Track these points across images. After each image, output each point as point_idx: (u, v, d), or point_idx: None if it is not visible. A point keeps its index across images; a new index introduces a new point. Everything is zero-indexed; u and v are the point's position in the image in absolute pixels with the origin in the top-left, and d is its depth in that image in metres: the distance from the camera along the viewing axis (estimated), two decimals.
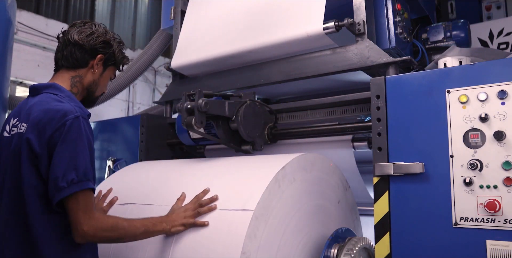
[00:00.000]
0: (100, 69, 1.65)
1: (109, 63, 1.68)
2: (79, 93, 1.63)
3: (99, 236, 1.37)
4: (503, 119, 1.41)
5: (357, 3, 1.98)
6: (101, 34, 1.64)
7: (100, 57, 1.63)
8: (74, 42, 1.60)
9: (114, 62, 1.70)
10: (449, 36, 2.41)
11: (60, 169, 1.32)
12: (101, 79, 1.67)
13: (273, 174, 1.56)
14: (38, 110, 1.42)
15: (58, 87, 1.56)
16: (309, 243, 1.68)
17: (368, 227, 2.10)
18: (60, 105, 1.42)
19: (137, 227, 1.46)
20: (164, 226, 1.51)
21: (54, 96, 1.49)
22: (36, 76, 6.72)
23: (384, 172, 1.59)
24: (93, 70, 1.63)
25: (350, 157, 2.04)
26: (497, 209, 1.37)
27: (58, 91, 1.53)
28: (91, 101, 1.71)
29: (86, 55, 1.61)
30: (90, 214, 1.35)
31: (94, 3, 9.27)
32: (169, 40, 3.31)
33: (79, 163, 1.34)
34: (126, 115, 9.50)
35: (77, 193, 1.33)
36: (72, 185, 1.32)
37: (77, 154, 1.35)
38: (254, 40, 2.18)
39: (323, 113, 2.10)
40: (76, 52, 1.60)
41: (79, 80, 1.61)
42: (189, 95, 1.79)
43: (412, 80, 1.61)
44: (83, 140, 1.38)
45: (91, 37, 1.61)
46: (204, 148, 2.52)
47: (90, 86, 1.64)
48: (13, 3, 2.61)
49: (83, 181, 1.34)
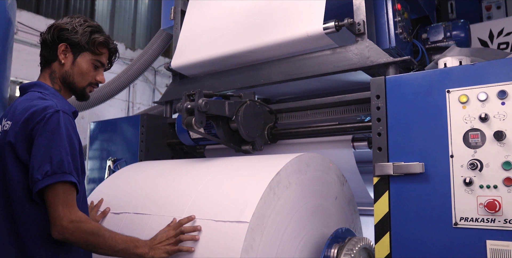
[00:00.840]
0: (70, 58, 1.58)
1: (77, 49, 1.58)
2: (62, 89, 1.61)
3: (77, 235, 1.33)
4: (503, 119, 1.41)
5: (357, 3, 1.98)
6: (61, 23, 1.59)
7: (62, 46, 1.57)
8: (41, 41, 1.61)
9: (82, 46, 1.58)
10: (449, 36, 2.41)
11: (36, 160, 1.32)
12: (75, 68, 1.59)
13: (267, 183, 1.53)
14: (21, 107, 1.44)
15: (42, 84, 1.56)
16: (308, 243, 1.68)
17: (368, 227, 2.10)
18: (42, 102, 1.42)
19: (117, 241, 1.40)
20: (145, 251, 1.45)
21: (38, 94, 1.50)
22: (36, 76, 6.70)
23: (384, 172, 1.59)
24: (60, 62, 1.58)
25: (350, 157, 2.04)
26: (497, 209, 1.37)
27: (42, 89, 1.54)
28: (79, 93, 1.64)
29: (51, 49, 1.58)
30: (71, 209, 1.32)
31: (94, 3, 9.27)
32: (169, 40, 3.31)
33: (54, 155, 1.32)
34: (126, 115, 9.50)
35: (55, 186, 1.31)
36: (46, 177, 1.30)
37: (53, 146, 1.33)
38: (254, 40, 2.18)
39: (323, 113, 2.10)
40: (42, 49, 1.61)
41: (54, 75, 1.60)
42: (189, 95, 1.79)
43: (412, 80, 1.61)
44: (60, 133, 1.36)
45: (49, 31, 1.59)
46: (204, 148, 2.51)
47: (64, 78, 1.59)
48: (13, 3, 2.61)
49: (57, 174, 1.31)
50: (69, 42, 1.57)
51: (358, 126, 1.93)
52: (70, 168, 1.35)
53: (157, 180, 1.92)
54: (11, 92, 5.87)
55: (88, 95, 1.67)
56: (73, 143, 1.40)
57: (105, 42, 1.63)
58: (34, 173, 1.31)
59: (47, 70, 1.61)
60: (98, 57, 1.63)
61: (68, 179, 1.33)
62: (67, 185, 1.34)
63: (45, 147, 1.33)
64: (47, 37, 1.58)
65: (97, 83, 1.66)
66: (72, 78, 1.60)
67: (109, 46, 1.66)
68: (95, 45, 1.61)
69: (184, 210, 1.62)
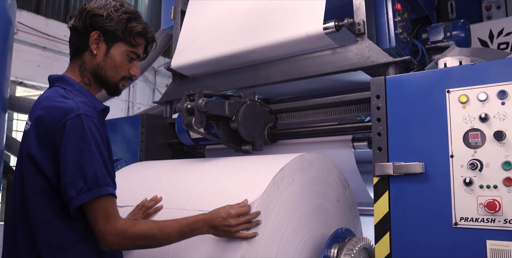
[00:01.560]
0: (103, 48, 1.41)
1: (111, 38, 1.41)
2: (92, 82, 1.45)
3: (125, 245, 1.26)
4: (503, 119, 1.41)
5: (357, 3, 1.98)
6: (94, 8, 1.40)
7: (94, 35, 1.39)
8: (70, 26, 1.42)
9: (117, 36, 1.40)
10: (449, 36, 2.41)
11: (68, 176, 1.21)
12: (108, 61, 1.42)
13: (272, 177, 1.55)
14: (41, 107, 1.31)
15: (67, 79, 1.40)
16: (309, 243, 1.68)
17: (368, 227, 2.10)
18: (62, 102, 1.28)
19: (170, 234, 1.31)
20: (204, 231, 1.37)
21: (61, 91, 1.35)
22: (36, 76, 6.72)
23: (384, 172, 1.59)
24: (92, 52, 1.40)
25: (350, 157, 2.04)
26: (497, 209, 1.37)
27: (67, 85, 1.38)
28: (111, 88, 1.48)
29: (82, 37, 1.40)
30: (111, 222, 1.23)
31: None
32: (169, 40, 3.31)
33: (87, 169, 1.21)
34: (126, 115, 9.50)
35: (92, 202, 1.21)
36: (82, 194, 1.20)
37: (83, 158, 1.21)
38: (254, 40, 2.18)
39: (323, 113, 2.10)
40: (72, 37, 1.42)
41: (85, 67, 1.42)
42: (189, 95, 1.79)
43: (412, 80, 1.61)
44: (88, 143, 1.23)
45: (82, 15, 1.39)
46: (204, 148, 2.52)
47: (95, 71, 1.42)
48: (13, 3, 2.61)
49: (94, 189, 1.21)
50: (102, 30, 1.39)
51: (358, 126, 1.93)
52: (105, 179, 1.24)
53: (159, 177, 1.93)
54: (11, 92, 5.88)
55: (120, 89, 1.51)
56: (102, 149, 1.28)
57: (143, 31, 1.45)
58: (67, 190, 1.20)
59: (77, 61, 1.44)
60: (134, 49, 1.46)
61: (105, 193, 1.23)
62: (104, 198, 1.23)
63: (74, 160, 1.21)
64: (77, 23, 1.39)
65: (131, 77, 1.49)
66: (105, 72, 1.43)
67: (147, 36, 1.48)
68: (132, 35, 1.43)
69: (188, 203, 1.63)
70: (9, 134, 4.28)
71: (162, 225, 1.32)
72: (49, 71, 6.64)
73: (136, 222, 1.30)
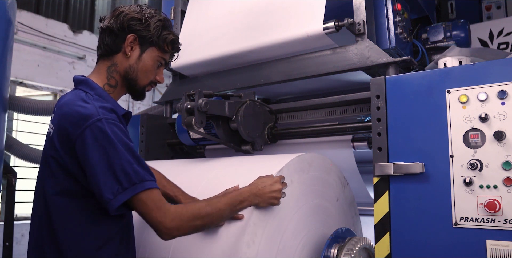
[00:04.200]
0: (136, 51, 1.44)
1: (146, 43, 1.45)
2: (118, 85, 1.46)
3: (185, 228, 1.28)
4: (503, 119, 1.41)
5: (357, 3, 1.98)
6: (131, 11, 1.43)
7: (131, 37, 1.42)
8: (104, 27, 1.44)
9: (152, 41, 1.45)
10: (449, 36, 2.41)
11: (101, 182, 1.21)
12: (140, 64, 1.45)
13: None
14: (62, 112, 1.32)
15: (90, 83, 1.41)
16: (308, 243, 1.68)
17: (368, 227, 2.10)
18: (82, 108, 1.29)
19: (221, 209, 1.36)
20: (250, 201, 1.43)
21: (83, 94, 1.36)
22: (36, 76, 6.71)
23: (384, 172, 1.59)
24: (126, 54, 1.43)
25: (350, 157, 2.04)
26: (497, 209, 1.37)
27: (89, 89, 1.39)
28: (137, 91, 1.50)
29: (116, 38, 1.42)
30: (165, 209, 1.26)
31: (94, 3, 9.27)
32: None
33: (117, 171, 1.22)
34: None
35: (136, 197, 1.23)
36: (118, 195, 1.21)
37: (111, 161, 1.22)
38: (254, 40, 2.18)
39: (323, 113, 2.10)
40: (106, 37, 1.44)
41: (115, 68, 1.44)
42: (189, 95, 1.79)
43: (412, 80, 1.61)
44: (113, 143, 1.24)
45: (118, 17, 1.42)
46: (204, 148, 2.51)
47: (127, 73, 1.44)
48: (13, 3, 2.61)
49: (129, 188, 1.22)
50: (139, 34, 1.43)
51: (358, 126, 1.93)
52: (139, 176, 1.24)
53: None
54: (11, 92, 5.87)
55: (145, 94, 1.54)
56: (129, 146, 1.28)
57: (175, 40, 1.51)
58: (104, 194, 1.21)
59: (105, 62, 1.45)
60: (164, 55, 1.51)
61: (143, 189, 1.24)
62: (146, 192, 1.25)
63: (103, 164, 1.22)
64: (114, 24, 1.42)
65: (156, 82, 1.53)
66: (136, 74, 1.45)
67: (176, 45, 1.54)
68: (166, 42, 1.48)
69: None
70: (9, 134, 4.28)
71: (211, 202, 1.36)
72: (49, 71, 6.64)
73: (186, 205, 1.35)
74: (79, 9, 8.68)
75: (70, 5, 8.33)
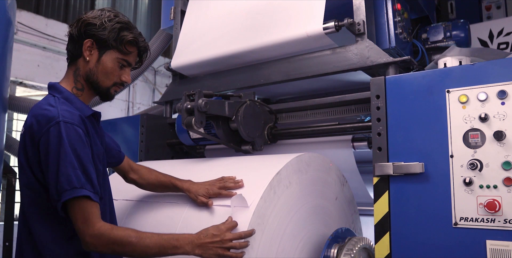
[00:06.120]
0: (95, 55, 1.49)
1: (104, 46, 1.49)
2: (85, 88, 1.53)
3: (102, 248, 1.28)
4: (503, 119, 1.41)
5: (357, 3, 1.98)
6: (89, 17, 1.49)
7: (87, 42, 1.48)
8: (68, 34, 1.53)
9: (110, 44, 1.48)
10: (449, 36, 2.41)
11: (50, 180, 1.30)
12: (99, 67, 1.49)
13: (268, 182, 1.53)
14: (31, 115, 1.42)
15: (57, 87, 1.50)
16: (308, 244, 1.68)
17: (368, 227, 2.10)
18: (47, 110, 1.38)
19: (148, 246, 1.30)
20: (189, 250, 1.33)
21: (51, 98, 1.46)
22: (36, 76, 6.72)
23: (384, 172, 1.59)
24: (85, 59, 1.49)
25: (350, 157, 2.04)
26: (497, 209, 1.37)
27: (57, 92, 1.48)
28: (102, 93, 1.55)
29: (76, 44, 1.50)
30: (90, 223, 1.27)
31: (94, 3, 9.27)
32: (169, 40, 3.31)
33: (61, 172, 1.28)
34: (126, 115, 9.49)
35: (71, 202, 1.28)
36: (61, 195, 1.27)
37: (59, 162, 1.29)
38: (254, 40, 2.18)
39: (323, 113, 2.10)
40: (69, 44, 1.53)
41: (78, 73, 1.51)
42: (189, 95, 1.79)
43: (412, 80, 1.61)
44: (64, 147, 1.30)
45: (77, 23, 1.50)
46: (204, 148, 2.51)
47: (88, 76, 1.50)
48: (13, 3, 2.61)
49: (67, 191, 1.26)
50: (95, 38, 1.48)
51: (358, 126, 1.93)
52: (80, 182, 1.28)
53: None
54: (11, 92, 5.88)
55: (112, 95, 1.58)
56: (79, 154, 1.32)
57: (134, 40, 1.53)
58: (51, 193, 1.30)
59: (72, 67, 1.54)
60: (125, 56, 1.53)
61: (80, 194, 1.27)
62: (82, 200, 1.28)
63: (53, 165, 1.30)
64: (73, 31, 1.50)
65: (123, 83, 1.56)
66: (96, 77, 1.50)
67: (138, 45, 1.56)
68: (123, 44, 1.51)
69: (185, 208, 1.63)
70: (9, 134, 4.28)
71: (141, 235, 1.31)
72: (49, 71, 6.64)
73: (115, 227, 1.32)
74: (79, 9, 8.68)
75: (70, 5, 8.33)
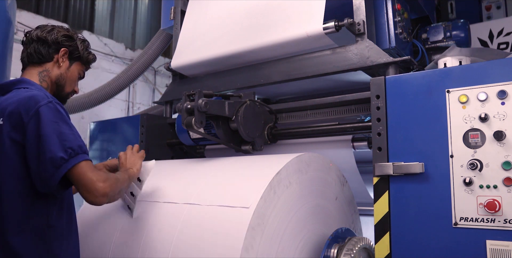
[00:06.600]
0: (66, 63, 1.68)
1: (74, 57, 1.70)
2: (48, 88, 1.66)
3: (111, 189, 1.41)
4: (503, 119, 1.41)
5: (357, 3, 1.98)
6: (62, 29, 1.69)
7: (63, 50, 1.66)
8: (36, 38, 1.64)
9: (79, 57, 1.72)
10: (449, 36, 2.41)
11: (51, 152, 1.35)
12: (68, 74, 1.69)
13: (268, 182, 1.53)
14: (11, 102, 1.45)
15: (28, 81, 1.58)
16: (308, 243, 1.68)
17: (368, 227, 2.10)
18: (31, 93, 1.45)
19: (125, 179, 1.58)
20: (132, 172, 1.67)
21: (25, 90, 1.51)
22: None
23: (384, 172, 1.59)
24: (58, 64, 1.66)
25: (350, 157, 2.04)
26: (497, 209, 1.37)
27: (29, 85, 1.55)
28: (62, 97, 1.71)
29: (50, 49, 1.64)
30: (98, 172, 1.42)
31: (94, 3, 9.27)
32: (169, 40, 3.31)
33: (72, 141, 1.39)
34: (126, 115, 9.49)
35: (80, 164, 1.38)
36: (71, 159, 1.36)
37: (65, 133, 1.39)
38: (254, 40, 2.18)
39: (323, 113, 2.10)
40: (39, 47, 1.64)
41: (46, 74, 1.64)
42: (189, 95, 1.79)
43: (412, 80, 1.61)
44: (66, 121, 1.43)
45: (52, 32, 1.66)
46: (204, 148, 2.51)
47: (58, 80, 1.66)
48: (13, 3, 2.61)
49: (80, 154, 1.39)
50: (70, 49, 1.68)
51: (358, 126, 1.93)
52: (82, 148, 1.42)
53: (156, 178, 1.92)
54: None
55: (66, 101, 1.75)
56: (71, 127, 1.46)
57: (94, 59, 1.81)
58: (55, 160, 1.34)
59: (37, 68, 1.65)
60: (84, 69, 1.79)
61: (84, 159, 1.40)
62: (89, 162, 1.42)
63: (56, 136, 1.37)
64: (49, 37, 1.64)
65: (74, 92, 1.77)
66: (65, 82, 1.69)
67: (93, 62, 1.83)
68: (88, 60, 1.77)
69: (184, 210, 1.63)
70: None
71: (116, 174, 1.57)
72: None
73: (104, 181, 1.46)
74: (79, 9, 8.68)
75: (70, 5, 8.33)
